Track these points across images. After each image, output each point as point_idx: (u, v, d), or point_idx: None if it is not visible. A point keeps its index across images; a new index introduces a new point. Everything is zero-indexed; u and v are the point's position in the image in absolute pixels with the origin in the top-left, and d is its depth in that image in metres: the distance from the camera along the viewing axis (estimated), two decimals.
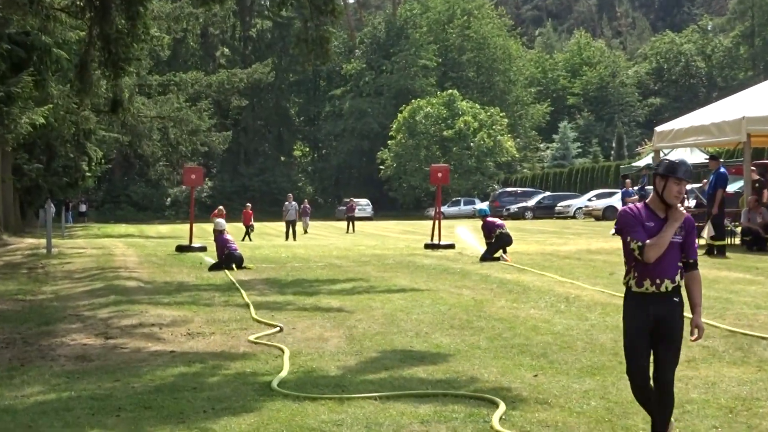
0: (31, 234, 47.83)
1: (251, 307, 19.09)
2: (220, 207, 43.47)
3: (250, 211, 57.63)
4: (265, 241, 49.28)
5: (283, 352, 14.04)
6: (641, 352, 8.58)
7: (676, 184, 8.43)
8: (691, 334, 8.50)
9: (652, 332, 8.49)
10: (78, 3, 25.22)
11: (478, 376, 12.31)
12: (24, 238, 47.60)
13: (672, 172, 8.48)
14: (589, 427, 9.09)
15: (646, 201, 8.61)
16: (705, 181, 39.75)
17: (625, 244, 8.49)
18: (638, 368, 8.59)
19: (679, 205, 8.41)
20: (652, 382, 8.54)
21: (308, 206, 68.91)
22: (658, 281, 8.40)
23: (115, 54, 24.18)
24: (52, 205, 39.70)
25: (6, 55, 33.33)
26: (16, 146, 45.17)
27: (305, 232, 62.00)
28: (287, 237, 55.09)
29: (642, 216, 8.50)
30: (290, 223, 56.21)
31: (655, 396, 8.53)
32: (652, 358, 8.56)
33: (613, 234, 11.06)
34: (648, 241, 8.34)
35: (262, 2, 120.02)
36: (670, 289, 8.42)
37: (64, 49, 36.15)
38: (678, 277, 8.46)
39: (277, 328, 16.73)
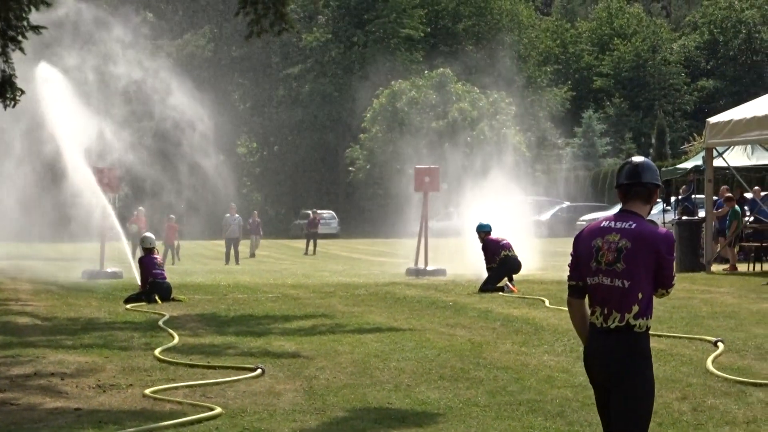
0: None
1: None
2: (140, 208, 43.58)
3: (175, 225, 57.27)
4: (199, 265, 49.36)
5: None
6: None
7: (641, 201, 8.67)
8: None
9: None
10: None
11: None
12: None
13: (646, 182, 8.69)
14: None
15: None
16: (758, 188, 39.95)
17: (671, 273, 8.60)
18: None
19: None
20: None
21: (258, 220, 68.27)
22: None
23: (5, 21, 24.26)
24: None
25: None
26: None
27: (252, 254, 61.81)
28: (227, 260, 55.12)
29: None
30: (232, 242, 56.19)
31: None
32: None
33: None
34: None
35: None
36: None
37: None
38: None
39: (257, 369, 16.99)
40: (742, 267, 35.08)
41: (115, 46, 67.30)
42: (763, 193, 38.92)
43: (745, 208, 37.29)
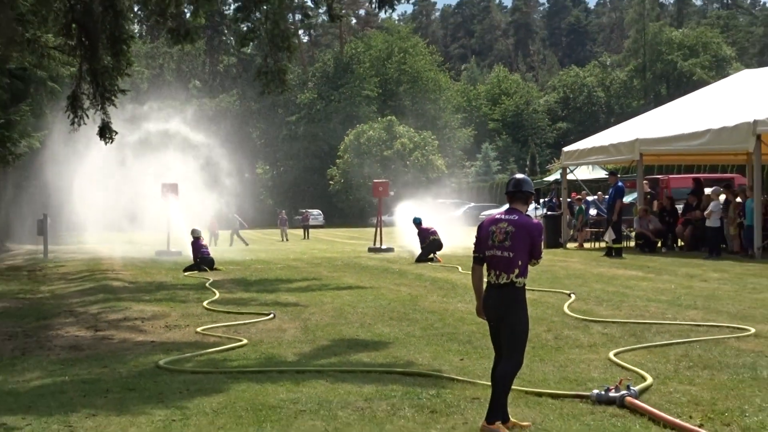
0: (29, 242, 47.33)
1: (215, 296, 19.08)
2: (212, 214, 43.81)
3: (214, 221, 57.36)
4: (232, 247, 49.03)
5: (243, 341, 14.14)
6: None
7: (517, 195, 9.03)
8: None
9: None
10: (69, 42, 25.02)
11: (414, 360, 12.38)
12: (23, 245, 47.19)
13: (518, 190, 9.05)
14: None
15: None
16: (600, 193, 40.10)
17: (537, 253, 8.88)
18: (521, 354, 8.92)
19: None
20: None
21: (285, 217, 67.97)
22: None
23: (102, 86, 24.03)
24: (47, 217, 39.39)
25: (7, 87, 33.16)
26: (16, 165, 44.82)
27: (286, 239, 61.38)
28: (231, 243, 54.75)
29: (524, 223, 8.90)
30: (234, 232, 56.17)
31: None
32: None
33: None
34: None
35: (228, 41, 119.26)
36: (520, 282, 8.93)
37: (57, 83, 35.93)
38: None
39: (270, 315, 17.06)
40: (587, 245, 35.08)
41: (174, 102, 67.06)
42: (594, 197, 38.97)
43: (589, 206, 37.37)
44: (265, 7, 24.53)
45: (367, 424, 9.14)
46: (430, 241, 31.01)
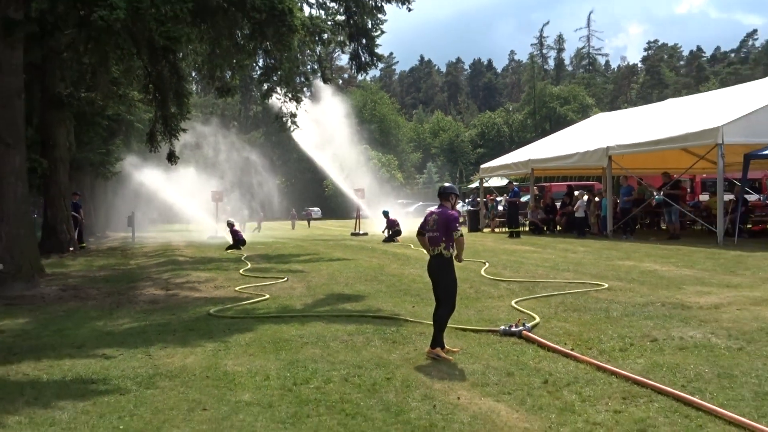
0: (122, 231, 47.08)
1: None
2: (261, 213, 43.82)
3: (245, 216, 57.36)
4: (260, 233, 49.04)
5: (266, 296, 14.11)
6: None
7: (446, 196, 9.06)
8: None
9: None
10: (148, 96, 24.96)
11: (381, 307, 12.36)
12: (118, 233, 46.91)
13: (445, 193, 9.11)
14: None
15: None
16: (505, 195, 40.21)
17: (453, 232, 8.77)
18: (454, 303, 8.96)
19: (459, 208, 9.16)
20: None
21: (294, 212, 66.68)
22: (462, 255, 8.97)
23: (170, 127, 23.95)
24: (134, 213, 39.36)
25: (106, 127, 33.05)
26: (113, 179, 44.82)
27: (294, 228, 60.36)
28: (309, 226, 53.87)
29: (446, 216, 8.91)
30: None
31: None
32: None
33: None
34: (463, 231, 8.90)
35: (255, 95, 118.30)
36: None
37: (141, 123, 35.79)
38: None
39: (285, 278, 16.98)
40: (497, 230, 35.09)
41: (219, 137, 66.66)
42: (501, 197, 39.02)
43: (497, 204, 37.40)
44: (279, 73, 24.55)
45: (350, 351, 9.16)
46: (394, 230, 31.12)
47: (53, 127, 26.58)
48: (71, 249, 26.72)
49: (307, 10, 25.51)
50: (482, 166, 39.35)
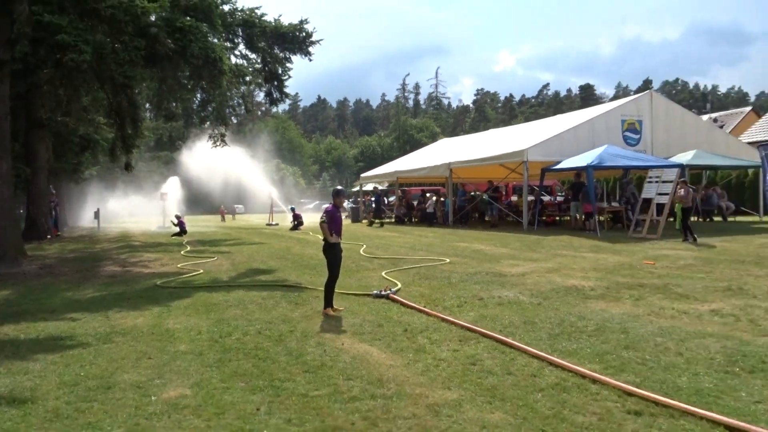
0: (90, 223, 44.57)
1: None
2: (222, 206, 41.74)
3: (223, 209, 54.55)
4: (197, 225, 47.36)
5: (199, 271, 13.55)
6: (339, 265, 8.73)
7: (337, 196, 8.78)
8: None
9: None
10: (111, 120, 23.73)
11: (288, 278, 12.08)
12: (87, 225, 44.42)
13: (338, 193, 8.83)
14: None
15: (335, 204, 8.72)
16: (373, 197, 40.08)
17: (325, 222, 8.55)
18: (338, 274, 8.69)
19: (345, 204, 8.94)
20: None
21: (224, 208, 59.75)
22: (339, 236, 8.59)
23: (127, 144, 22.80)
24: (99, 210, 37.25)
25: (78, 143, 31.13)
26: (83, 184, 42.28)
27: (224, 220, 56.40)
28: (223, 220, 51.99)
29: (335, 210, 8.66)
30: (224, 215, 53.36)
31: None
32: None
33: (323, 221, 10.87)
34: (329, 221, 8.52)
35: (195, 120, 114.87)
36: (340, 241, 8.64)
37: (105, 141, 33.92)
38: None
39: (215, 258, 16.26)
40: (374, 222, 35.10)
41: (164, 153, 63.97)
42: (372, 198, 39.09)
43: (371, 202, 37.42)
44: (213, 104, 23.84)
45: (263, 311, 8.87)
46: (299, 222, 30.59)
47: (35, 143, 24.85)
48: (48, 237, 25.17)
49: (234, 59, 24.73)
50: (362, 175, 39.34)
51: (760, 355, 5.97)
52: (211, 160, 36.46)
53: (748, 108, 56.81)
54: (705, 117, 48.83)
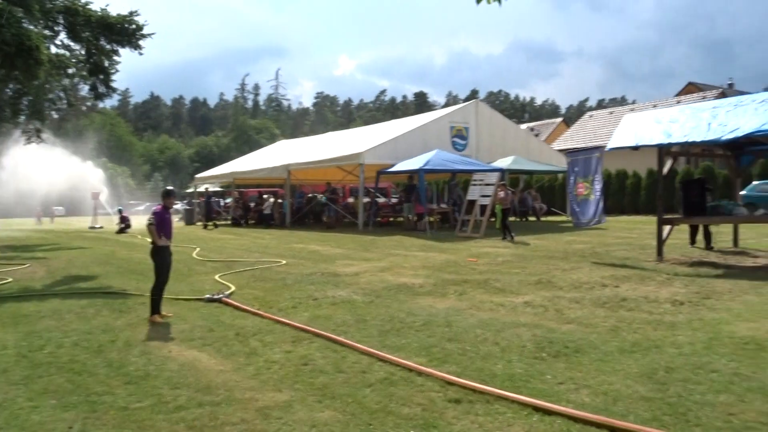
0: None
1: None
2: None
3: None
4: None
5: None
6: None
7: (167, 197, 8.30)
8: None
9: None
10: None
11: (111, 285, 11.27)
12: None
13: (168, 194, 8.38)
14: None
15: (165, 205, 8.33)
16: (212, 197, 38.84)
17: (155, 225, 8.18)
18: (167, 279, 8.33)
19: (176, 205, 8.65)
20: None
21: (40, 210, 55.47)
22: (169, 239, 8.21)
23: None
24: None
25: None
26: None
27: (40, 223, 52.25)
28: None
29: (164, 212, 8.23)
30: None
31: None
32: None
33: (149, 223, 10.35)
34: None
35: (8, 113, 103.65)
36: (170, 244, 8.28)
37: None
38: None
39: (27, 264, 14.53)
40: (207, 224, 33.91)
41: None
42: (201, 200, 37.84)
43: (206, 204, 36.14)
44: (29, 98, 21.63)
45: (82, 320, 8.20)
46: (125, 223, 28.73)
47: None
48: None
49: (54, 48, 22.61)
50: (196, 175, 37.89)
51: (564, 341, 6.57)
52: (27, 158, 33.07)
53: (560, 119, 63.07)
54: (523, 126, 53.26)
